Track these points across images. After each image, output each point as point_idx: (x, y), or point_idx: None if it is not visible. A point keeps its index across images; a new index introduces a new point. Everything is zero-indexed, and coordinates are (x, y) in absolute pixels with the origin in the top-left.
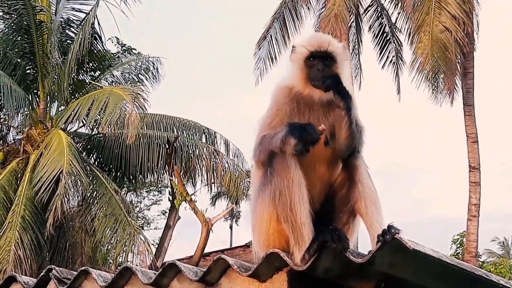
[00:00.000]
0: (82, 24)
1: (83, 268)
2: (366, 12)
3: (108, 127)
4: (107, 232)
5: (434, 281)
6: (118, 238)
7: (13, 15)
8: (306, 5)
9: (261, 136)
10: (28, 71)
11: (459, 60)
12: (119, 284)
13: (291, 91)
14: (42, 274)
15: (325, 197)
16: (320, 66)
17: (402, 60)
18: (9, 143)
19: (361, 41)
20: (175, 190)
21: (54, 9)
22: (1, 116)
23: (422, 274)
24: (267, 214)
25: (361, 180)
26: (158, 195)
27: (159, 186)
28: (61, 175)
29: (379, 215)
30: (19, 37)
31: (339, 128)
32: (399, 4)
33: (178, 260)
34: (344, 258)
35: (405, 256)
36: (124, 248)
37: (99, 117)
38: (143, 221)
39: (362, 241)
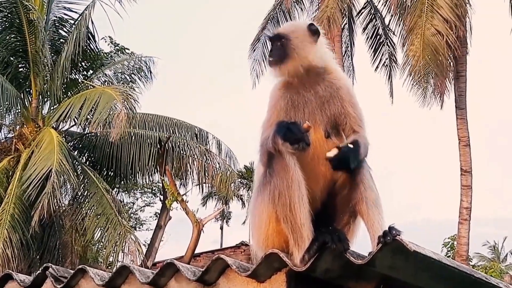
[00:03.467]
0: (75, 23)
1: (80, 266)
2: (360, 14)
3: (98, 126)
4: (97, 231)
5: (434, 283)
6: (109, 237)
7: (4, 13)
8: (298, 5)
9: (262, 139)
10: (20, 69)
11: (451, 63)
12: (116, 283)
13: (286, 85)
14: (38, 272)
15: (327, 196)
16: None
17: (395, 63)
18: (1, 141)
19: (354, 43)
20: (166, 190)
21: (47, 8)
22: None
23: (422, 276)
24: (267, 215)
25: (363, 181)
26: (152, 197)
27: (153, 188)
28: (49, 175)
29: (380, 216)
30: (12, 35)
31: None
32: (392, 7)
33: (169, 260)
34: (344, 259)
35: (406, 258)
36: (115, 248)
37: (90, 116)
38: (135, 222)
39: (360, 242)
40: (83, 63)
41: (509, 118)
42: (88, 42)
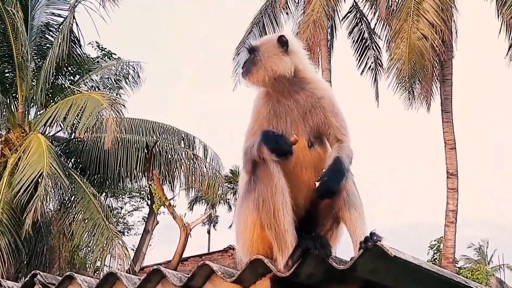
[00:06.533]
0: (60, 28)
1: (68, 273)
2: (346, 18)
3: (86, 132)
4: (85, 236)
5: (415, 287)
6: (96, 242)
7: None
8: (284, 10)
9: (246, 146)
10: (6, 75)
11: (437, 67)
12: None
13: (268, 94)
14: (26, 279)
15: (311, 203)
16: None
17: (381, 66)
18: None
19: (333, 47)
20: (153, 194)
21: (30, 12)
22: None
23: (403, 281)
24: (251, 221)
25: (346, 187)
26: (140, 201)
27: (142, 193)
28: (40, 178)
29: (362, 222)
30: None
31: None
32: (378, 11)
33: (156, 264)
34: (327, 265)
35: (387, 263)
36: (102, 253)
37: (77, 121)
38: (124, 227)
39: (343, 247)
40: (69, 68)
41: (500, 117)
42: (74, 47)
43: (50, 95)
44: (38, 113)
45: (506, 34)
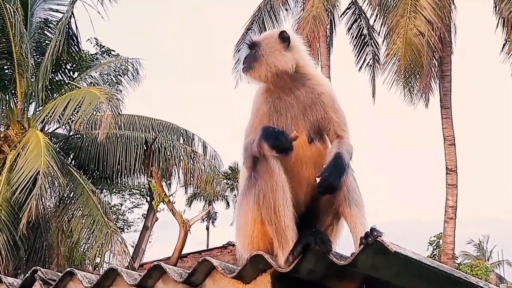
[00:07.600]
0: (58, 25)
1: (68, 269)
2: (345, 14)
3: (83, 125)
4: (84, 232)
5: (415, 283)
6: (95, 238)
7: None
8: (283, 6)
9: (246, 142)
10: (5, 71)
11: (435, 63)
12: (104, 285)
13: (268, 90)
14: (27, 275)
15: (311, 198)
16: None
17: (379, 63)
18: None
19: (332, 44)
20: (153, 191)
21: (30, 9)
22: None
23: (403, 276)
24: (252, 217)
25: (346, 183)
26: (140, 198)
27: (142, 190)
28: (38, 176)
29: (362, 218)
30: None
31: None
32: (377, 8)
33: (156, 261)
34: (327, 260)
35: (387, 258)
36: (101, 249)
37: (75, 116)
38: (123, 223)
39: (343, 242)
40: (68, 65)
41: (500, 116)
42: (72, 43)
43: (49, 92)
44: (37, 109)
45: (502, 30)
